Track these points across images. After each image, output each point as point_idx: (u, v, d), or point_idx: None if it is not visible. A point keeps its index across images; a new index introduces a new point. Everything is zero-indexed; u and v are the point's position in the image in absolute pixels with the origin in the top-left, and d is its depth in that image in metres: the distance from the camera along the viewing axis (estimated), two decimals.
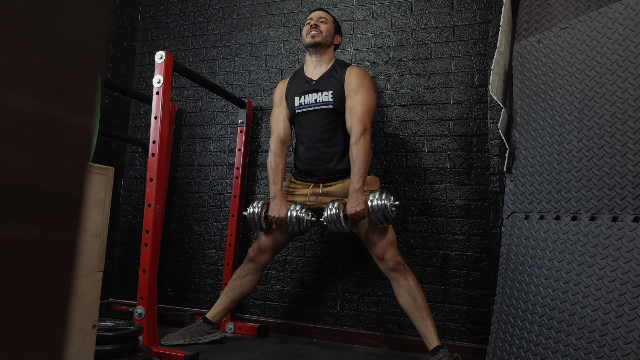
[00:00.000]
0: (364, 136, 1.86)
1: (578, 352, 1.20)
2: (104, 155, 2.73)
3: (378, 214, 1.76)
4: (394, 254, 1.84)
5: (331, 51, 2.10)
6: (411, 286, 1.81)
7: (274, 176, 1.98)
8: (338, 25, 2.16)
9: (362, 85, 1.95)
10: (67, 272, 0.21)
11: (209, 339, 2.05)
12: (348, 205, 1.83)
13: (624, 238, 1.19)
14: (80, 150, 0.22)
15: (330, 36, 2.08)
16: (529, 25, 1.63)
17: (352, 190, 1.83)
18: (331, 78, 2.02)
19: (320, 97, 2.00)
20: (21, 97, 0.19)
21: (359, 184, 1.82)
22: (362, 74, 1.99)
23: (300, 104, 2.04)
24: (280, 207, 1.93)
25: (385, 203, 1.76)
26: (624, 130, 1.25)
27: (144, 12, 3.02)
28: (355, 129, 1.88)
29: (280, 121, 2.08)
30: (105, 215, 1.01)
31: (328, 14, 2.13)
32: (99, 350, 1.27)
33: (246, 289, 2.08)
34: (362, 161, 1.83)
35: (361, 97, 1.93)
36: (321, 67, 2.07)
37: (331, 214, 1.83)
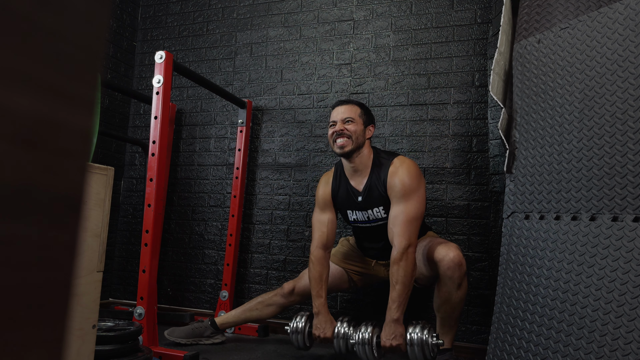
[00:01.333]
0: (407, 254, 1.62)
1: (578, 352, 1.20)
2: (104, 155, 2.73)
3: (417, 350, 1.57)
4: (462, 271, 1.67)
5: (367, 148, 1.82)
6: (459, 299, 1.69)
7: (318, 288, 1.78)
8: (367, 113, 1.85)
9: (406, 189, 1.69)
10: (67, 272, 0.21)
11: (210, 342, 2.06)
12: (383, 334, 1.63)
13: (624, 238, 1.19)
14: (80, 150, 0.22)
15: (361, 136, 1.78)
16: (529, 25, 1.63)
17: (389, 319, 1.63)
18: (375, 190, 1.78)
19: (372, 214, 1.81)
20: (21, 97, 0.19)
21: (397, 313, 1.61)
22: (406, 174, 1.71)
23: (354, 219, 1.87)
24: (325, 325, 1.75)
25: (427, 339, 1.57)
26: (624, 130, 1.25)
27: (144, 12, 3.03)
28: (397, 244, 1.64)
29: (325, 227, 1.85)
30: (105, 215, 1.01)
31: (353, 106, 1.82)
32: (98, 350, 1.27)
33: (264, 317, 2.06)
34: (403, 286, 1.61)
35: (404, 206, 1.67)
36: (361, 174, 1.82)
37: (363, 337, 1.64)
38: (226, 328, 2.10)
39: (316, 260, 1.81)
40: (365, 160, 1.80)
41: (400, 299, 1.61)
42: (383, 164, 1.77)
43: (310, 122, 2.52)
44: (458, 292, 1.66)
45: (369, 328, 1.66)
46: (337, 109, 1.82)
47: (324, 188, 1.90)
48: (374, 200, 1.78)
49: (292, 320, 1.85)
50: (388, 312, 1.64)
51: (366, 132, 1.81)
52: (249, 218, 2.56)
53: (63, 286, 0.21)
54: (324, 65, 2.54)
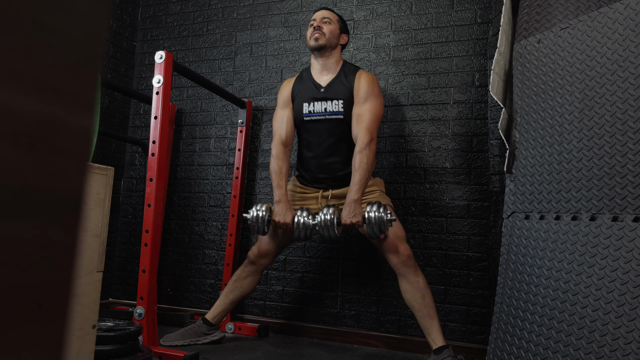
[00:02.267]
0: (370, 146, 1.82)
1: (578, 352, 1.20)
2: (104, 155, 2.73)
3: (374, 226, 1.73)
4: (406, 247, 1.81)
5: (337, 53, 2.02)
6: (421, 284, 1.79)
7: (278, 180, 1.92)
8: (344, 24, 2.08)
9: (371, 92, 1.89)
10: (67, 272, 0.21)
11: (208, 340, 2.05)
12: (344, 213, 1.79)
13: (624, 238, 1.19)
14: (80, 150, 0.22)
15: (335, 37, 1.99)
16: (529, 25, 1.63)
17: (349, 200, 1.78)
18: (340, 85, 1.95)
19: (330, 106, 1.94)
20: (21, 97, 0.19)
21: (357, 194, 1.78)
22: (372, 80, 1.93)
23: (309, 111, 1.98)
24: (286, 212, 1.88)
25: (382, 216, 1.73)
26: (624, 130, 1.25)
27: (144, 12, 3.03)
28: (361, 137, 1.83)
29: (284, 124, 2.01)
30: (105, 215, 1.01)
31: (332, 13, 2.05)
32: (98, 350, 1.27)
33: (246, 290, 2.07)
34: (364, 171, 1.79)
35: (369, 105, 1.88)
36: (329, 72, 1.99)
37: (325, 219, 1.79)
38: (219, 320, 2.09)
39: (276, 155, 1.96)
40: (334, 62, 2.00)
41: (361, 182, 1.79)
42: (350, 69, 1.98)
43: None
44: (418, 278, 1.79)
45: (331, 209, 1.81)
46: (319, 11, 2.05)
47: (286, 87, 2.06)
48: (337, 92, 1.94)
49: (251, 209, 1.94)
50: (349, 194, 1.80)
51: (340, 38, 2.02)
52: None
53: (63, 286, 0.21)
54: None
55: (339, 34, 2.01)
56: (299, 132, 2.07)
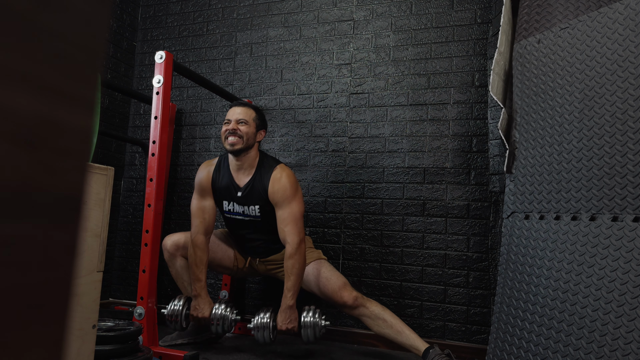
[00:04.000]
0: (299, 249, 1.82)
1: (578, 352, 1.20)
2: (104, 155, 2.73)
3: (309, 330, 1.80)
4: (349, 292, 1.86)
5: (254, 150, 1.95)
6: (376, 312, 1.84)
7: (197, 272, 1.89)
8: (261, 118, 1.99)
9: (288, 195, 1.87)
10: (67, 272, 0.21)
11: (206, 337, 2.05)
12: (279, 319, 1.81)
13: (624, 238, 1.19)
14: (80, 150, 0.22)
15: (252, 137, 1.91)
16: (529, 25, 1.63)
17: (284, 306, 1.81)
18: (256, 189, 1.92)
19: (248, 210, 1.95)
20: (21, 97, 0.19)
21: (292, 300, 1.81)
22: (286, 182, 1.88)
23: (228, 210, 1.99)
24: (203, 306, 1.86)
25: (317, 321, 1.80)
26: (624, 130, 1.25)
27: (144, 12, 3.03)
28: (289, 241, 1.83)
29: (206, 214, 1.96)
30: (105, 215, 1.01)
31: (248, 110, 1.95)
32: (99, 350, 1.27)
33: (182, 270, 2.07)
34: (296, 277, 1.81)
35: (290, 209, 1.86)
36: (244, 172, 1.95)
37: (261, 322, 1.81)
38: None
39: (196, 246, 1.91)
40: (251, 161, 1.95)
41: (294, 288, 1.82)
42: (266, 169, 1.94)
43: (310, 122, 2.52)
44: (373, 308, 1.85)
45: (267, 314, 1.83)
46: (233, 109, 1.95)
47: (205, 176, 2.00)
48: (253, 199, 1.93)
49: (169, 304, 1.90)
50: (284, 300, 1.82)
51: (257, 136, 1.95)
52: None
53: (63, 286, 0.21)
54: (324, 65, 2.54)
55: (256, 133, 1.94)
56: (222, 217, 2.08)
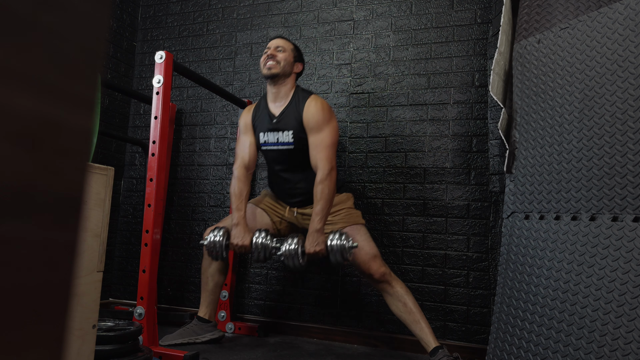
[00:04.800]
0: (330, 175, 1.83)
1: (578, 352, 1.20)
2: (104, 155, 2.73)
3: (337, 254, 1.77)
4: (378, 266, 1.85)
5: (291, 81, 2.01)
6: (399, 293, 1.84)
7: (238, 202, 1.93)
8: (299, 52, 2.06)
9: (321, 121, 1.89)
10: (67, 272, 0.21)
11: (207, 338, 2.05)
12: (307, 243, 1.81)
13: (624, 238, 1.19)
14: (80, 150, 0.22)
15: (289, 65, 1.98)
16: (529, 25, 1.63)
17: (312, 230, 1.82)
18: (291, 115, 1.95)
19: (282, 136, 1.96)
20: (21, 97, 0.19)
21: (319, 224, 1.81)
22: (320, 109, 1.90)
23: (264, 141, 2.02)
24: (244, 235, 1.87)
25: (344, 244, 1.77)
26: (624, 130, 1.25)
27: (144, 12, 3.03)
28: (320, 168, 1.84)
29: (246, 148, 2.04)
30: (105, 215, 1.01)
31: (287, 42, 2.03)
32: (99, 350, 1.27)
33: (218, 278, 2.10)
34: (325, 202, 1.82)
35: (323, 135, 1.88)
36: (281, 101, 1.99)
37: (290, 249, 1.80)
38: (211, 314, 2.11)
39: (238, 177, 1.99)
40: (287, 91, 2.00)
41: (322, 212, 1.82)
42: (301, 97, 1.97)
43: None
44: (396, 288, 1.85)
45: (295, 240, 1.83)
46: (272, 41, 2.04)
47: (246, 115, 2.10)
48: (287, 124, 1.95)
49: (207, 235, 1.91)
50: (311, 224, 1.83)
51: (294, 67, 2.02)
52: None
53: (63, 286, 0.21)
54: (324, 65, 2.54)
55: (293, 62, 2.01)
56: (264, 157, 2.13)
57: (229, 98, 2.45)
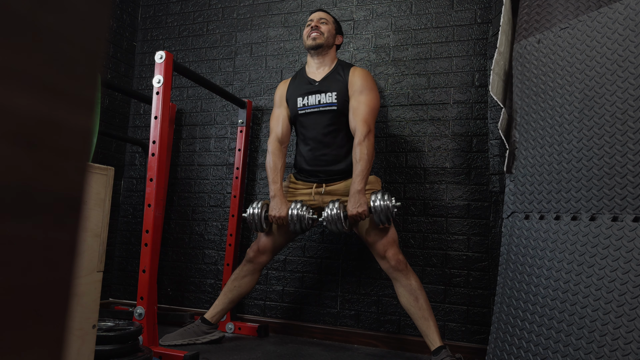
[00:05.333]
0: (368, 137, 1.86)
1: (578, 352, 1.20)
2: (104, 155, 2.73)
3: (381, 214, 1.77)
4: (395, 252, 1.83)
5: (333, 52, 2.09)
6: (413, 286, 1.81)
7: (273, 175, 1.97)
8: (339, 25, 2.15)
9: (365, 85, 1.94)
10: (67, 272, 0.21)
11: (207, 339, 2.05)
12: (349, 205, 1.81)
13: (624, 238, 1.19)
14: (80, 150, 0.22)
15: (332, 37, 2.07)
16: (529, 25, 1.63)
17: (353, 191, 1.82)
18: (335, 78, 2.01)
19: (324, 98, 1.99)
20: (21, 97, 0.19)
21: (361, 184, 1.81)
22: (366, 74, 1.98)
23: (303, 104, 2.03)
24: (280, 206, 1.92)
25: (387, 204, 1.76)
26: (624, 130, 1.25)
27: (144, 12, 3.02)
28: (359, 129, 1.87)
29: (280, 121, 2.07)
30: (105, 215, 1.01)
31: (328, 15, 2.12)
32: (99, 350, 1.27)
33: (245, 289, 2.08)
34: (365, 162, 1.82)
35: (365, 97, 1.92)
36: (324, 68, 2.06)
37: (332, 214, 1.82)
38: (218, 320, 2.09)
39: (272, 151, 2.02)
40: (330, 60, 2.08)
41: (362, 173, 1.82)
42: (345, 65, 2.06)
43: None
44: (410, 280, 1.82)
45: (336, 204, 1.84)
46: (314, 14, 2.12)
47: (282, 88, 2.14)
48: (331, 85, 2.00)
49: (248, 207, 1.99)
50: (352, 185, 1.83)
51: (336, 39, 2.11)
52: None
53: (63, 286, 0.21)
54: None
55: (335, 34, 2.10)
56: (296, 129, 2.11)
57: (229, 98, 2.45)
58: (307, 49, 2.08)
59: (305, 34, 2.07)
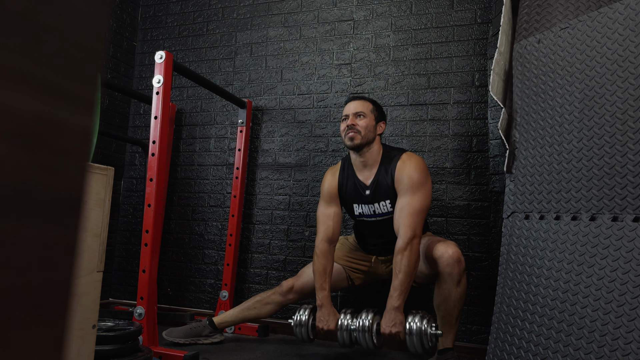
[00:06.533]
0: (412, 245, 1.65)
1: (578, 352, 1.20)
2: (104, 155, 2.73)
3: (415, 338, 1.58)
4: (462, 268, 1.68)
5: (377, 144, 1.86)
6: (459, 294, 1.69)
7: (321, 281, 1.79)
8: (379, 111, 1.90)
9: (415, 183, 1.73)
10: (67, 272, 0.21)
11: (208, 341, 2.05)
12: (383, 322, 1.63)
13: (624, 238, 1.19)
14: (80, 150, 0.22)
15: (372, 131, 1.83)
16: (529, 25, 1.63)
17: (389, 307, 1.63)
18: (383, 183, 1.82)
19: (379, 208, 1.85)
20: (21, 97, 0.19)
21: (398, 301, 1.62)
22: (415, 168, 1.76)
23: (359, 213, 1.90)
24: (329, 317, 1.75)
25: (425, 329, 1.58)
26: (624, 130, 1.25)
27: (144, 12, 3.03)
28: (402, 234, 1.67)
29: (331, 220, 1.88)
30: (105, 215, 1.01)
31: (365, 102, 1.87)
32: (99, 350, 1.27)
33: (262, 316, 2.05)
34: (406, 275, 1.63)
35: (413, 198, 1.71)
36: (370, 168, 1.86)
37: (363, 324, 1.65)
38: (224, 327, 2.09)
39: (321, 254, 1.83)
40: (375, 155, 1.85)
41: (402, 287, 1.63)
42: (392, 159, 1.82)
43: (310, 122, 2.52)
44: (457, 289, 1.68)
45: (370, 315, 1.67)
46: (350, 104, 1.87)
47: (330, 181, 1.93)
48: (381, 194, 1.82)
49: (295, 313, 1.84)
50: (389, 300, 1.64)
51: (377, 128, 1.87)
52: (249, 218, 2.56)
53: (63, 286, 0.21)
54: (324, 65, 2.54)
55: (375, 125, 1.86)
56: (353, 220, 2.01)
57: (229, 98, 2.45)
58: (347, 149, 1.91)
59: (342, 131, 1.85)
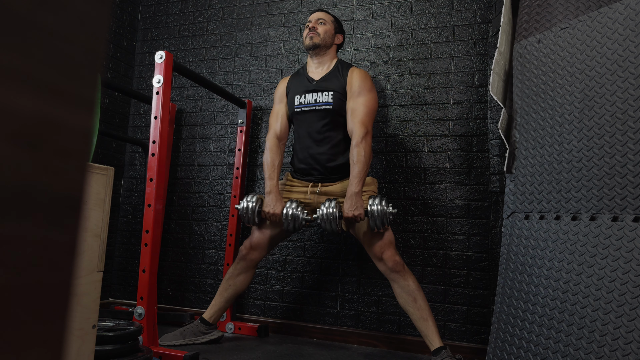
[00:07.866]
0: (366, 139, 1.86)
1: (578, 352, 1.20)
2: (104, 155, 2.73)
3: (377, 219, 1.76)
4: (392, 253, 1.83)
5: (332, 51, 2.09)
6: (411, 287, 1.80)
7: (270, 172, 1.97)
8: (339, 24, 2.15)
9: (364, 86, 1.94)
10: (67, 272, 0.21)
11: (206, 339, 2.05)
12: (345, 207, 1.81)
13: (624, 238, 1.19)
14: (80, 150, 0.22)
15: (330, 37, 2.07)
16: (529, 25, 1.63)
17: (350, 193, 1.81)
18: (333, 78, 2.01)
19: (321, 97, 1.99)
20: (21, 97, 0.19)
21: (358, 187, 1.81)
22: (364, 75, 1.98)
23: (300, 102, 2.04)
24: (275, 203, 1.92)
25: (384, 209, 1.76)
26: (624, 130, 1.25)
27: (144, 12, 3.02)
28: (356, 131, 1.87)
29: (279, 118, 2.08)
30: (105, 215, 1.01)
31: (327, 14, 2.12)
32: (99, 350, 1.27)
33: (240, 287, 2.07)
34: (362, 164, 1.83)
35: (363, 99, 1.92)
36: (323, 68, 2.06)
37: (327, 212, 1.81)
38: (216, 319, 2.09)
39: (270, 148, 2.03)
40: (329, 59, 2.09)
41: (360, 175, 1.82)
42: (344, 66, 2.05)
43: None
44: (408, 282, 1.81)
45: (332, 203, 1.83)
46: (313, 14, 2.13)
47: (282, 85, 2.15)
48: (328, 85, 2.00)
49: (242, 200, 1.99)
50: (349, 187, 1.83)
51: (335, 38, 2.11)
52: None
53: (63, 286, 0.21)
54: None
55: (334, 34, 2.09)
56: (293, 126, 2.12)
57: (229, 98, 2.45)
58: (306, 49, 2.09)
59: (304, 35, 2.09)
